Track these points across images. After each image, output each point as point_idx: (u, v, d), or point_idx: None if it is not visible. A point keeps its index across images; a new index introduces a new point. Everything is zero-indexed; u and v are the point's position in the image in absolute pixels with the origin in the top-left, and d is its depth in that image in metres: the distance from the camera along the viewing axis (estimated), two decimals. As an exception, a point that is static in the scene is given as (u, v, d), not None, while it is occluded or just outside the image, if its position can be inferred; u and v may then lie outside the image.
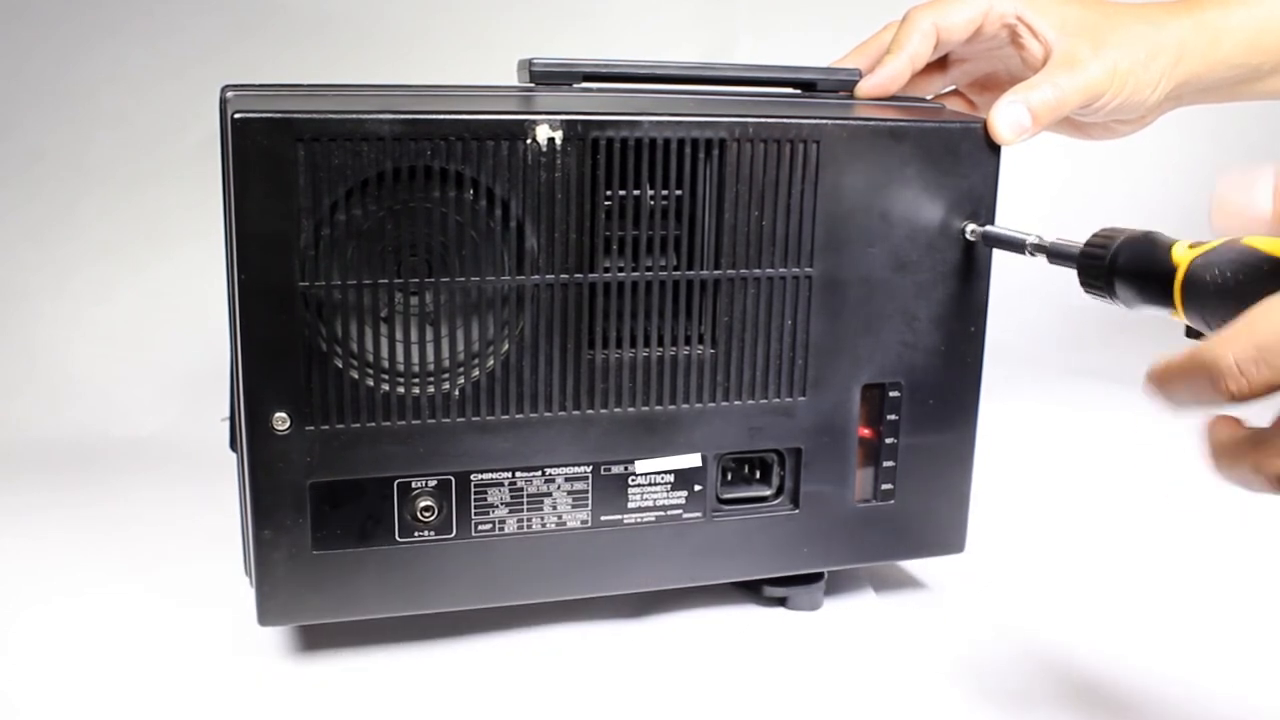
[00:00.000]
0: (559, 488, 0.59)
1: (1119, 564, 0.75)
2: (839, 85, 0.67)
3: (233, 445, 0.58)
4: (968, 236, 0.61)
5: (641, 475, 0.60)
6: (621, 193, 0.56)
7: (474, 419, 0.57)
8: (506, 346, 0.57)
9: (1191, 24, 0.66)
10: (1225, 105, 0.73)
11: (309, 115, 0.51)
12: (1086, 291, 0.53)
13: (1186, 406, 0.40)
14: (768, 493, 0.63)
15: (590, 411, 0.59)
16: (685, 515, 0.62)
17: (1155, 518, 0.83)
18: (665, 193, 0.57)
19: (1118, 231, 0.51)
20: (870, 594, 0.69)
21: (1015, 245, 0.58)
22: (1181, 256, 0.46)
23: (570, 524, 0.60)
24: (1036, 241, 0.57)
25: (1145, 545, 0.78)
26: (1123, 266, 0.50)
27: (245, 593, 0.58)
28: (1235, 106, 0.74)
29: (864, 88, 0.67)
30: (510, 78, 0.64)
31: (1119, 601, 0.69)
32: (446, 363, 0.56)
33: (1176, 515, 0.83)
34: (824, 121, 0.58)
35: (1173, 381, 0.40)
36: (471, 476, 0.58)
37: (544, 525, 0.60)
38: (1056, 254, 0.55)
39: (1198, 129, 1.24)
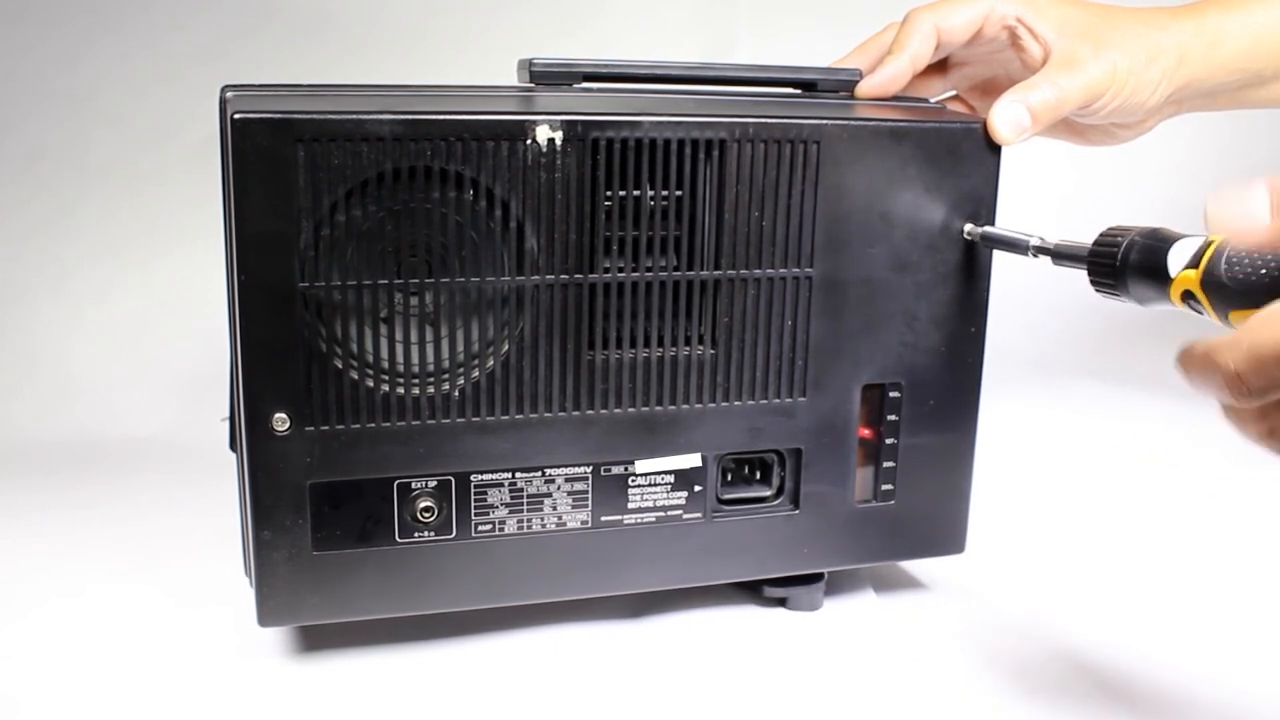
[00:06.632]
0: (559, 488, 0.59)
1: (1119, 564, 0.75)
2: (839, 85, 0.67)
3: (233, 445, 0.58)
4: (966, 236, 0.61)
5: (641, 475, 0.60)
6: (621, 193, 0.56)
7: (474, 419, 0.57)
8: (506, 347, 0.57)
9: (1192, 27, 0.66)
10: (1230, 114, 0.73)
11: (309, 115, 0.51)
12: (1097, 290, 0.53)
13: (1206, 394, 0.41)
14: (768, 493, 0.63)
15: (590, 412, 0.59)
16: (685, 516, 0.62)
17: (1155, 518, 0.83)
18: (665, 193, 0.57)
19: (1126, 229, 0.52)
20: (870, 594, 0.69)
21: (1017, 246, 0.58)
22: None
23: (570, 524, 0.60)
24: (1039, 243, 0.57)
25: (1145, 545, 0.78)
26: (1134, 264, 0.50)
27: (245, 593, 0.58)
28: (1240, 116, 0.74)
29: (864, 88, 0.67)
30: (510, 78, 0.64)
31: (1119, 602, 0.69)
32: (446, 363, 0.56)
33: (1177, 515, 0.83)
34: (824, 122, 0.58)
35: (1191, 371, 0.41)
36: (471, 477, 0.58)
37: (544, 526, 0.59)
38: (1063, 255, 0.55)
39: (1203, 138, 1.25)
